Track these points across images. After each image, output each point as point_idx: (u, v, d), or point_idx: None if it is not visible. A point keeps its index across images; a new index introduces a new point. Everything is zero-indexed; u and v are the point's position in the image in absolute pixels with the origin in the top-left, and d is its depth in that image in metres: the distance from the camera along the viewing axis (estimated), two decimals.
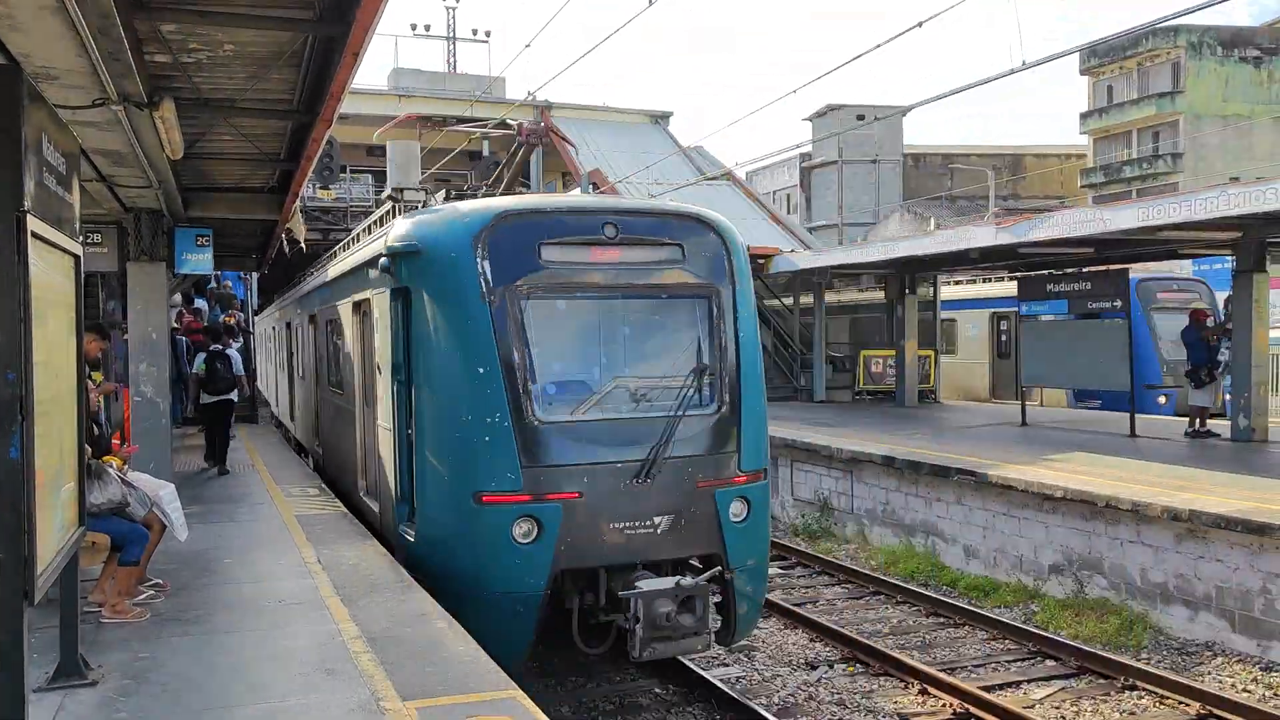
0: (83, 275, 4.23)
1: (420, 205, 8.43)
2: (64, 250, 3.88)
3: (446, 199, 9.13)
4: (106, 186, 6.98)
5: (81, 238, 8.73)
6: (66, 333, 3.98)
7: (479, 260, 6.65)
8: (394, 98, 26.02)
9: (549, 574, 6.54)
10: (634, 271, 7.16)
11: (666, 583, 6.53)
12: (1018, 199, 49.44)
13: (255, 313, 27.27)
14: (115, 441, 6.68)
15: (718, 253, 7.54)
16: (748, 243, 20.21)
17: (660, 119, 27.83)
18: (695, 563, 7.26)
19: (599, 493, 6.70)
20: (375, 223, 10.00)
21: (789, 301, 23.17)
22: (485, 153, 25.28)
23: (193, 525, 6.63)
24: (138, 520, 5.44)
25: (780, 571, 11.91)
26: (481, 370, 6.60)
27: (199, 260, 9.04)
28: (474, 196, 9.50)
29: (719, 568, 6.92)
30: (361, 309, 8.63)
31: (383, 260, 7.11)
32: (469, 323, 6.66)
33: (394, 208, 8.92)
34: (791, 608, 10.07)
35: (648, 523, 6.80)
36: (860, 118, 44.91)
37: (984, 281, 22.87)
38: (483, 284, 6.63)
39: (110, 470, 5.40)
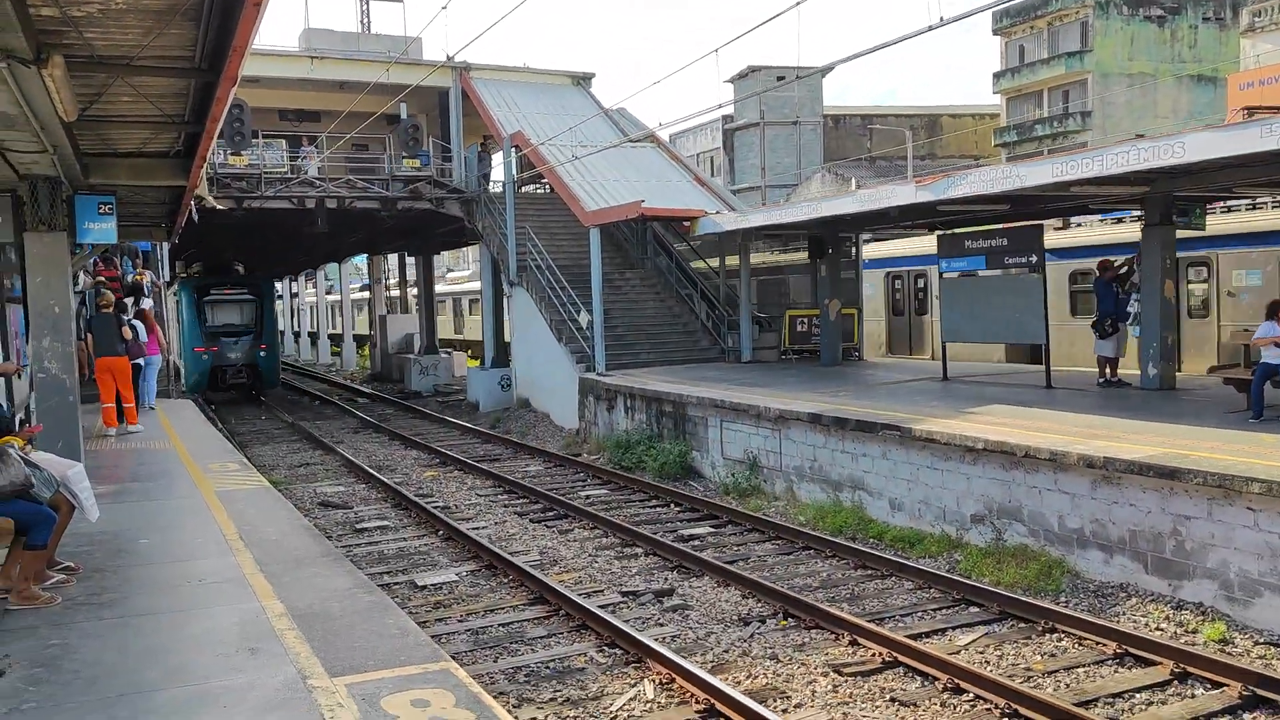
0: None
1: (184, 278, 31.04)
2: None
3: (196, 275, 32.57)
4: None
5: None
6: None
7: (195, 292, 27.76)
8: (305, 59, 25.17)
9: (210, 367, 27.04)
10: (234, 295, 28.02)
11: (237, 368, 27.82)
12: (935, 158, 50.22)
13: (168, 284, 26.49)
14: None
15: (262, 288, 29.63)
16: (673, 205, 20.29)
17: (582, 80, 27.45)
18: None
19: (223, 350, 27.10)
20: (184, 276, 32.43)
21: (715, 264, 23.26)
22: (403, 115, 24.71)
23: (108, 505, 6.44)
24: (43, 502, 5.17)
25: (711, 530, 12.02)
26: (192, 318, 27.29)
27: (102, 229, 8.58)
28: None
29: (256, 366, 27.96)
30: (179, 302, 28.49)
31: (176, 288, 28.76)
32: (192, 308, 27.38)
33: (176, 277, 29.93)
34: (724, 566, 10.15)
35: (236, 357, 27.26)
36: (781, 79, 44.99)
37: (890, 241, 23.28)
38: (196, 298, 27.48)
39: (11, 451, 5.10)
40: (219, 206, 13.62)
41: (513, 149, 22.56)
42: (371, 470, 16.35)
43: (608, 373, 18.84)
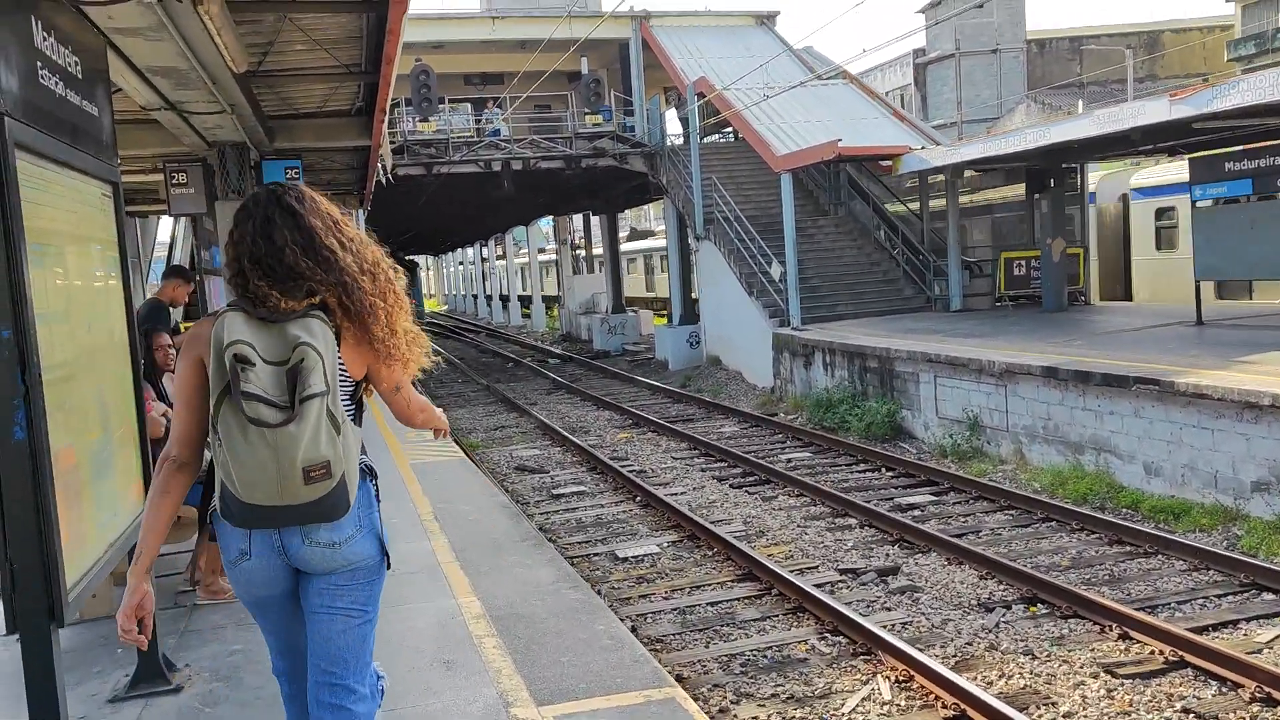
0: (123, 206, 3.48)
1: None
2: (86, 173, 3.12)
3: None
4: (178, 115, 6.32)
5: (170, 177, 8.23)
6: (103, 274, 3.25)
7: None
8: (487, 20, 25.11)
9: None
10: None
11: None
12: (1156, 79, 45.47)
13: None
14: None
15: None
16: (871, 143, 18.83)
17: (766, 19, 26.10)
18: None
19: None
20: None
21: (915, 206, 21.64)
22: (584, 71, 24.22)
23: None
24: None
25: (932, 498, 10.91)
26: None
27: None
28: None
29: None
30: None
31: None
32: None
33: None
34: (952, 540, 9.07)
35: None
36: (980, 5, 41.71)
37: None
38: None
39: None
40: (391, 168, 13.19)
41: (696, 96, 21.63)
42: (565, 433, 16.08)
43: (804, 327, 17.80)
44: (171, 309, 6.46)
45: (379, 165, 10.03)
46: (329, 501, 2.48)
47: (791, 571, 8.50)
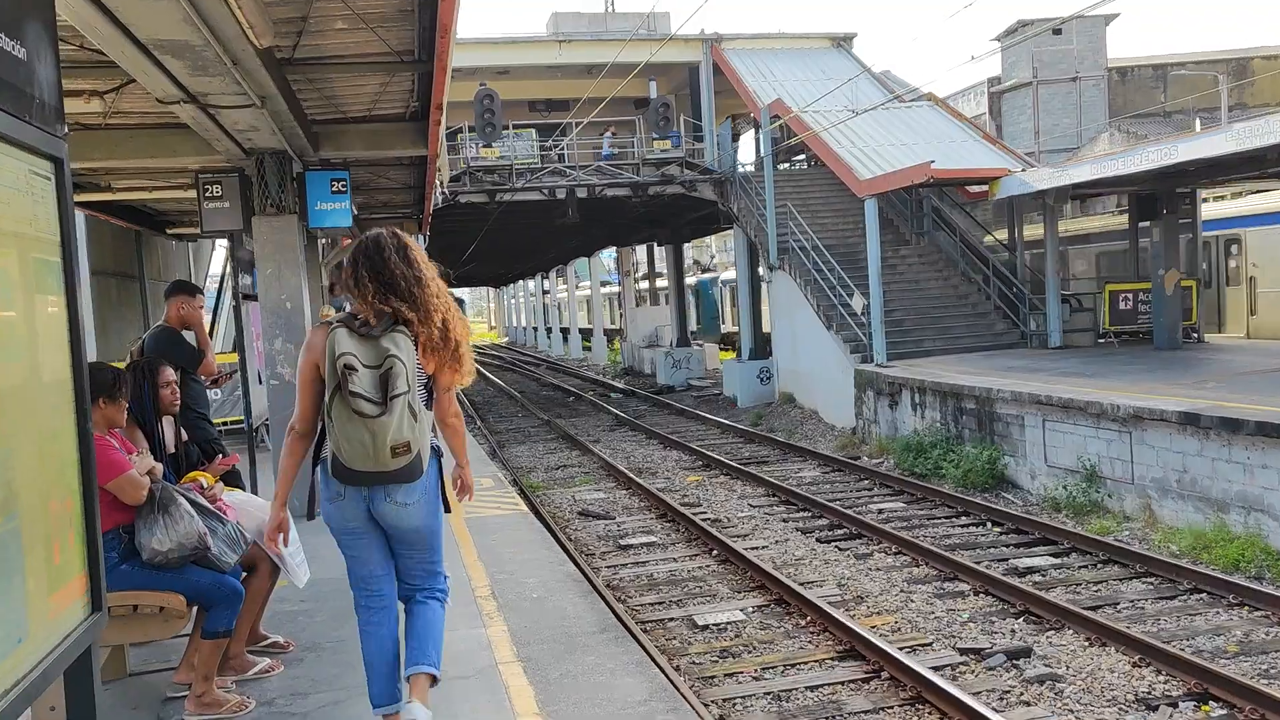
0: (68, 191, 2.48)
1: None
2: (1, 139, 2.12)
3: None
4: (203, 111, 5.43)
5: (203, 189, 7.36)
6: (25, 288, 2.24)
7: None
8: (554, 45, 24.41)
9: None
10: None
11: None
12: (1245, 108, 43.40)
13: None
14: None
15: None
16: (962, 165, 17.44)
17: (843, 41, 25.03)
18: None
19: None
20: None
21: (1002, 236, 20.28)
22: (652, 94, 23.35)
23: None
24: (226, 569, 3.74)
25: (1053, 561, 9.57)
26: None
27: (335, 210, 7.45)
28: None
29: None
30: None
31: None
32: None
33: None
34: (1085, 613, 7.76)
35: None
36: (1057, 32, 40.18)
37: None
38: None
39: (182, 500, 3.67)
40: (454, 195, 12.29)
41: (771, 119, 20.58)
42: (631, 474, 14.98)
43: (888, 363, 16.52)
44: (184, 331, 5.50)
45: (437, 181, 9.13)
46: (408, 469, 3.55)
47: (902, 650, 7.27)
